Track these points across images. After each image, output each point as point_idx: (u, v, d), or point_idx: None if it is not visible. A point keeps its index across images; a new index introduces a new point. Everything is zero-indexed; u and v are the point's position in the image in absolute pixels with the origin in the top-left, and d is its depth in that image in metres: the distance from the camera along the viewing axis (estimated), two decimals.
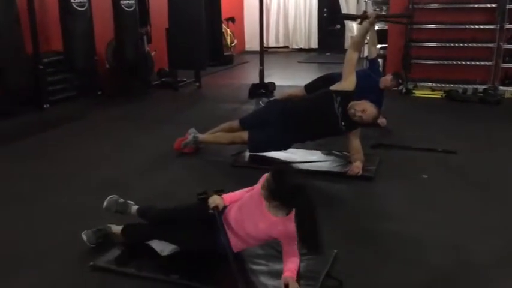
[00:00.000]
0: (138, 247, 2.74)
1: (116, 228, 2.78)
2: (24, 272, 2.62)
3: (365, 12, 5.16)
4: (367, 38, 5.24)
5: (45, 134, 5.24)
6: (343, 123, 3.92)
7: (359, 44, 4.13)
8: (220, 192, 2.62)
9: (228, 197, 2.61)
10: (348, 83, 3.99)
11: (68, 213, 3.26)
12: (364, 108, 3.80)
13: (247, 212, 2.48)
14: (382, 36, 7.70)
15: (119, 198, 2.95)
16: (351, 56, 4.05)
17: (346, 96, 3.90)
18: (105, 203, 2.92)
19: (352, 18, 5.50)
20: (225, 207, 2.58)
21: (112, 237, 2.80)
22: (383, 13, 5.34)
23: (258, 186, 2.49)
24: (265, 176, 2.38)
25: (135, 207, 2.90)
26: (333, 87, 4.06)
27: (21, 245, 2.90)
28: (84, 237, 2.76)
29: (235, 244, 2.55)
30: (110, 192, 3.53)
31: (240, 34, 12.23)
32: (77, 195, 3.60)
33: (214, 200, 2.53)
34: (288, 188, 2.29)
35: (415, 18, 7.03)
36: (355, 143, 4.08)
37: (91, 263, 2.61)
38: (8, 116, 5.59)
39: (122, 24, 6.63)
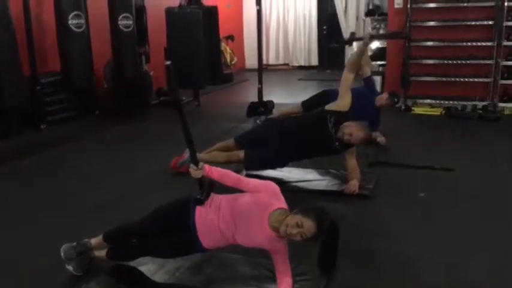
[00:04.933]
0: (127, 271, 2.73)
1: (100, 253, 2.75)
2: None
3: (353, 33, 5.24)
4: None
5: (41, 154, 5.21)
6: (337, 143, 3.91)
7: (355, 64, 4.16)
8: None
9: (212, 169, 2.54)
10: (343, 103, 4.01)
11: (61, 234, 3.22)
12: (350, 132, 3.80)
13: (243, 217, 2.42)
14: (380, 54, 7.75)
15: (71, 243, 2.75)
16: (347, 77, 4.08)
17: (340, 117, 3.90)
18: (62, 254, 2.72)
19: (344, 42, 5.61)
20: (210, 189, 2.55)
21: (97, 261, 2.77)
22: (376, 33, 5.42)
23: (261, 196, 2.43)
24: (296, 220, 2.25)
25: (93, 239, 2.78)
26: (328, 107, 4.07)
27: (13, 266, 2.88)
28: (62, 254, 2.70)
29: (212, 242, 2.51)
30: (104, 213, 3.53)
31: (240, 52, 12.30)
32: (71, 216, 3.59)
33: (194, 174, 2.52)
34: (327, 231, 2.33)
35: (413, 36, 7.07)
36: (352, 161, 4.08)
37: (83, 286, 2.58)
38: (6, 136, 5.58)
39: (119, 44, 6.64)
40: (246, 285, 2.60)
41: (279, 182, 4.18)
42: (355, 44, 7.99)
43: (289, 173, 4.41)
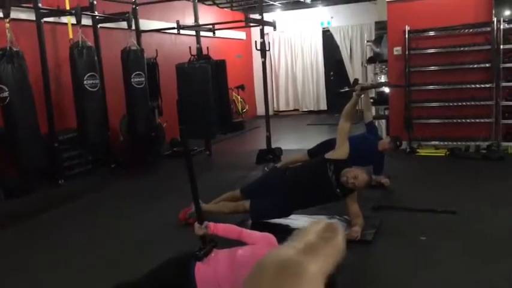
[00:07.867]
0: None
1: None
2: None
3: (357, 80, 5.54)
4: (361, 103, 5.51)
5: (58, 209, 5.44)
6: (338, 190, 4.07)
7: (350, 114, 4.30)
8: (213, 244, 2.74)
9: (217, 226, 2.72)
10: (340, 152, 4.17)
11: None
12: (355, 175, 3.95)
13: (243, 270, 2.48)
14: (384, 98, 7.99)
15: None
16: (343, 126, 4.24)
17: (339, 165, 4.07)
18: None
19: (345, 92, 6.01)
20: (213, 246, 2.68)
21: None
22: (367, 85, 5.84)
23: (258, 248, 2.54)
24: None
25: None
26: (327, 155, 4.24)
27: None
28: None
29: None
30: (113, 267, 3.68)
31: (251, 99, 12.68)
32: (80, 273, 3.73)
33: (198, 231, 2.70)
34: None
35: (414, 80, 7.31)
36: (353, 207, 4.19)
37: None
38: (26, 192, 5.86)
39: (133, 100, 7.01)
40: None
41: (285, 229, 4.39)
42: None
43: (296, 220, 4.53)
